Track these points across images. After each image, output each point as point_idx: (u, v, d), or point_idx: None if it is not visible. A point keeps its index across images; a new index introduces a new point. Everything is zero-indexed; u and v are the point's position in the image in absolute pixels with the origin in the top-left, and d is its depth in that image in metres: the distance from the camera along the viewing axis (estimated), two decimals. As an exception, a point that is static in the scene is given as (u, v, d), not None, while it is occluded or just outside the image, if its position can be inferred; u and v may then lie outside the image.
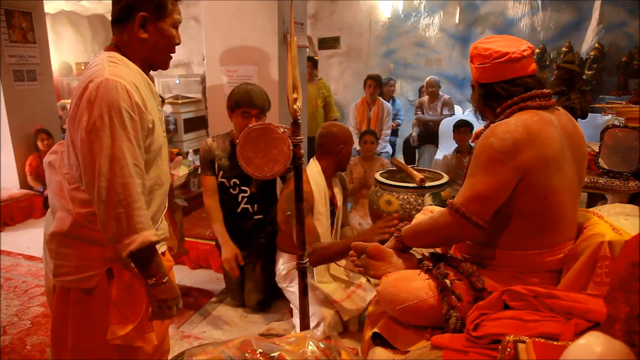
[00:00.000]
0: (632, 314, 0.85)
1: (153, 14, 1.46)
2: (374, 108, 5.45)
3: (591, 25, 6.70)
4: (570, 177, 1.61)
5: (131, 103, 1.37)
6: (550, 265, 1.61)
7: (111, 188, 1.34)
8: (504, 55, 1.61)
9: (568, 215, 1.62)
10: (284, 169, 1.45)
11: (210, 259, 3.55)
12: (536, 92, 1.61)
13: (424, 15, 7.80)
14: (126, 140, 1.35)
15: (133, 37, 1.47)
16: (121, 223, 1.35)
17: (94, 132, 1.33)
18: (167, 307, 1.51)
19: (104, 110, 1.32)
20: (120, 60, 1.45)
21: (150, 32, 1.48)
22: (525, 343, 1.10)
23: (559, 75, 2.88)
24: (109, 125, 1.33)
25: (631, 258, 0.90)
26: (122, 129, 1.35)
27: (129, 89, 1.37)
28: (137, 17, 1.44)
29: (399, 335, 1.65)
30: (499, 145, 1.50)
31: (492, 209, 1.57)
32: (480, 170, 1.55)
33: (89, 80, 1.36)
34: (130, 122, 1.37)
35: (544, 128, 1.54)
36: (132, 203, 1.36)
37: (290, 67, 1.44)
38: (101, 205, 1.35)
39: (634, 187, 2.63)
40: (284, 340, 1.11)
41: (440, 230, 1.65)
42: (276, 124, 1.50)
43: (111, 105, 1.33)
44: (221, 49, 3.92)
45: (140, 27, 1.46)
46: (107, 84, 1.34)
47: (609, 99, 5.59)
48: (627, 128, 2.75)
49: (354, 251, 1.85)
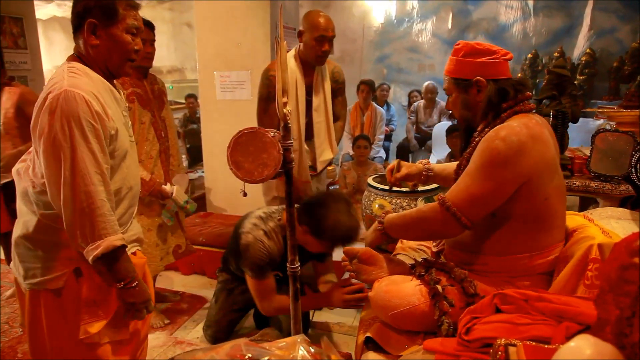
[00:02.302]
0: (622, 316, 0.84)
1: (102, 20, 1.46)
2: (367, 113, 5.47)
3: (582, 31, 6.76)
4: (562, 177, 1.62)
5: (91, 112, 1.39)
6: (541, 268, 1.60)
7: (75, 197, 1.37)
8: (507, 54, 1.61)
9: (561, 217, 1.62)
10: (274, 173, 1.44)
11: (203, 265, 3.53)
12: (528, 95, 1.62)
13: (416, 20, 7.84)
14: (87, 150, 1.38)
15: (86, 45, 1.49)
16: (85, 230, 1.39)
17: (55, 143, 1.36)
18: (136, 310, 1.55)
19: (64, 122, 1.36)
20: (81, 70, 1.47)
21: (101, 39, 1.48)
22: (517, 346, 1.09)
23: (550, 80, 2.89)
24: (70, 136, 1.36)
25: (620, 260, 0.90)
26: (82, 139, 1.37)
27: (87, 99, 1.39)
28: (86, 24, 1.46)
29: (391, 340, 1.64)
30: (505, 148, 1.46)
31: (484, 212, 1.56)
32: (480, 172, 1.52)
33: (48, 91, 1.39)
34: (92, 132, 1.39)
35: (542, 130, 1.54)
36: (95, 210, 1.39)
37: (280, 72, 1.44)
38: (67, 213, 1.39)
39: (624, 190, 2.64)
40: (274, 345, 1.10)
41: (426, 224, 1.64)
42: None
43: (71, 116, 1.36)
44: (213, 54, 3.92)
45: (91, 33, 1.47)
46: (66, 96, 1.36)
47: (601, 104, 5.63)
48: (618, 132, 2.76)
49: (345, 256, 1.84)
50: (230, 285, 2.55)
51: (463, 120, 1.74)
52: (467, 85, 1.65)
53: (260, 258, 2.16)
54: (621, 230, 1.62)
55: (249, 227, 2.21)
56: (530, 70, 7.11)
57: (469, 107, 1.68)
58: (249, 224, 2.23)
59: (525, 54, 7.20)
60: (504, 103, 1.60)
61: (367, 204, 2.86)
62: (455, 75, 1.67)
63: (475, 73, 1.61)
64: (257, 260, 2.16)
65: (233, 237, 2.35)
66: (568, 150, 3.04)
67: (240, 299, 2.53)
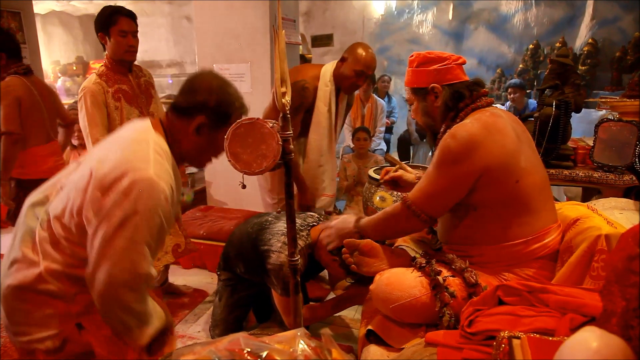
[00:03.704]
0: (629, 307, 0.83)
1: (213, 122, 1.46)
2: (367, 105, 5.44)
3: (585, 21, 6.71)
4: (534, 158, 1.65)
5: (166, 208, 1.33)
6: (540, 252, 1.60)
7: (116, 291, 1.28)
8: (459, 58, 1.71)
9: (544, 197, 1.63)
10: (273, 164, 1.42)
11: (204, 259, 3.52)
12: (485, 92, 1.71)
13: (417, 12, 7.80)
14: (146, 244, 1.30)
15: (185, 134, 1.47)
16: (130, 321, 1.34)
17: (120, 229, 1.26)
18: None
19: (139, 212, 1.26)
20: (164, 152, 1.40)
21: (203, 137, 1.48)
22: (520, 339, 1.08)
23: (552, 70, 2.86)
24: (137, 228, 1.27)
25: (627, 251, 0.88)
26: (148, 234, 1.30)
27: (167, 195, 1.32)
28: (197, 120, 1.44)
29: (393, 333, 1.63)
30: (455, 145, 1.54)
31: (443, 208, 1.67)
32: (435, 170, 1.61)
33: (127, 169, 1.28)
34: (157, 225, 1.31)
35: (497, 120, 1.60)
36: (137, 313, 1.34)
37: (279, 61, 1.41)
38: (99, 301, 1.30)
39: (628, 181, 2.62)
40: (274, 339, 1.09)
41: (394, 222, 1.73)
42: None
43: (148, 211, 1.28)
44: (213, 47, 3.90)
45: (196, 130, 1.45)
46: (150, 186, 1.28)
47: (603, 94, 5.59)
48: (621, 122, 2.73)
49: (346, 248, 1.83)
50: (233, 282, 2.52)
51: (426, 126, 1.84)
52: (425, 93, 1.74)
53: (286, 275, 2.09)
54: (625, 221, 1.60)
55: (280, 246, 2.12)
56: (532, 61, 7.08)
57: (429, 114, 1.78)
58: (278, 242, 2.14)
59: (527, 45, 7.17)
60: (461, 103, 1.69)
61: (368, 196, 2.84)
62: (412, 85, 1.77)
63: (430, 81, 1.71)
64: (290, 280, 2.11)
65: (251, 248, 2.26)
66: (571, 140, 3.01)
67: (244, 295, 2.51)
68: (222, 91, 1.46)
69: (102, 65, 2.57)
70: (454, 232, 1.73)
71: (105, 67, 2.54)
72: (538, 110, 2.82)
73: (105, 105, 2.47)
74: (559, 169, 2.79)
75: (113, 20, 2.43)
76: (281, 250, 2.10)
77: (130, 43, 2.48)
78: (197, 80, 1.47)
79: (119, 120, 2.51)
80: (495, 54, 7.59)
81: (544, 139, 2.73)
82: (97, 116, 2.43)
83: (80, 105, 2.47)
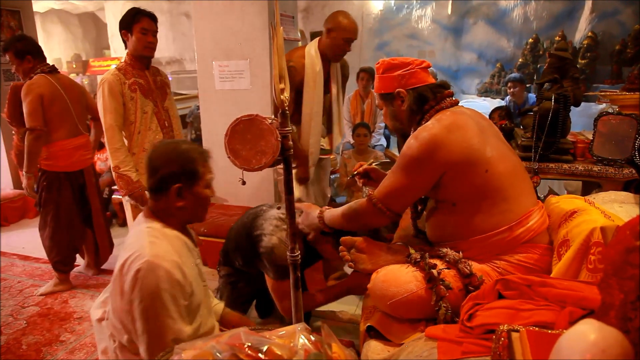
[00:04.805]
0: (627, 300, 0.83)
1: (187, 182, 1.58)
2: (367, 101, 5.43)
3: (584, 14, 6.69)
4: (502, 146, 1.71)
5: (172, 284, 1.46)
6: (525, 236, 1.62)
7: None
8: (422, 62, 1.78)
9: (518, 181, 1.67)
10: (272, 160, 1.42)
11: (205, 255, 3.53)
12: (449, 92, 1.78)
13: (416, 7, 7.78)
14: (165, 317, 1.45)
15: (171, 206, 1.60)
16: None
17: (142, 315, 1.44)
18: None
19: (145, 295, 1.43)
20: (159, 233, 1.56)
21: (187, 199, 1.60)
22: (519, 332, 1.09)
23: (551, 63, 2.85)
24: (152, 308, 1.44)
25: (625, 243, 0.88)
26: (162, 309, 1.45)
27: (169, 270, 1.46)
28: (173, 190, 1.56)
29: (393, 328, 1.64)
30: (416, 146, 1.61)
31: (405, 204, 1.78)
32: (399, 170, 1.68)
33: (130, 260, 1.47)
34: (170, 300, 1.46)
35: (457, 117, 1.66)
36: None
37: (277, 57, 1.41)
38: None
39: (628, 174, 2.62)
40: (274, 334, 1.10)
41: (360, 216, 1.80)
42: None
43: (152, 290, 1.43)
44: (212, 44, 3.89)
45: (177, 196, 1.58)
46: (148, 267, 1.44)
47: (603, 88, 5.58)
48: (621, 115, 2.73)
49: (343, 246, 1.84)
50: (234, 278, 2.53)
51: (396, 130, 1.91)
52: (392, 98, 1.81)
53: (285, 260, 2.12)
54: (624, 214, 1.60)
55: (272, 229, 2.15)
56: (531, 55, 7.06)
57: (397, 118, 1.84)
58: (270, 225, 2.16)
59: (526, 39, 7.14)
60: (426, 106, 1.76)
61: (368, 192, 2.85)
62: (380, 91, 1.85)
63: (395, 86, 1.78)
64: (282, 262, 2.08)
65: (245, 237, 2.27)
66: (570, 134, 3.00)
67: (245, 292, 2.51)
68: (178, 154, 1.58)
69: (122, 61, 2.81)
70: (440, 230, 1.78)
71: (125, 63, 2.78)
72: (537, 105, 2.81)
73: (122, 95, 2.68)
74: (559, 163, 2.78)
75: (137, 19, 2.67)
76: (272, 233, 2.12)
77: (149, 40, 2.71)
78: (154, 158, 1.60)
79: (134, 110, 2.74)
80: (495, 48, 7.57)
81: (543, 133, 2.73)
82: (112, 104, 2.65)
83: (99, 94, 2.69)
